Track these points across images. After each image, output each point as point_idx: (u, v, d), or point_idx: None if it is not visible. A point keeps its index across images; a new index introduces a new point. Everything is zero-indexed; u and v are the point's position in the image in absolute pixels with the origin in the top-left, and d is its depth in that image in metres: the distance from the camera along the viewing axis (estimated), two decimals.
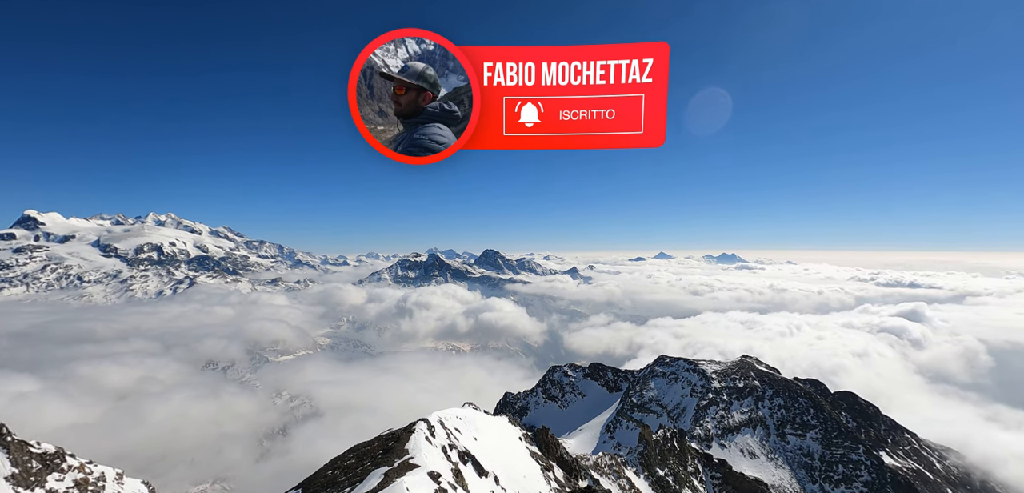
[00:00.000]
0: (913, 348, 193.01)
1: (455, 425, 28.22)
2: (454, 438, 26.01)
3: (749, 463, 55.94)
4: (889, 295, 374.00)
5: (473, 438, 28.16)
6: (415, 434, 23.68)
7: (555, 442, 36.71)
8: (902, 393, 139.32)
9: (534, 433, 36.93)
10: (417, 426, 24.97)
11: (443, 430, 26.11)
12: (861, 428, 65.49)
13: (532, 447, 33.66)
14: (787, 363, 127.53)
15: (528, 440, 34.68)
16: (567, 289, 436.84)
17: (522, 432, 35.61)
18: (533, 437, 36.14)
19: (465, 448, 25.52)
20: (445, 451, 23.65)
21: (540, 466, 30.55)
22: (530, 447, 33.31)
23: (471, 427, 29.43)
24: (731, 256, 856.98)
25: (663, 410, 63.64)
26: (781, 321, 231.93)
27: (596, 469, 37.99)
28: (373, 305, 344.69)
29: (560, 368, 76.68)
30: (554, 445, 36.10)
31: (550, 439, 36.24)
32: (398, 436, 24.46)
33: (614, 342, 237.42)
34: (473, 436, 28.43)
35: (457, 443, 25.54)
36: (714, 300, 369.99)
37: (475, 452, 26.00)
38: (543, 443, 35.46)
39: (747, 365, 70.72)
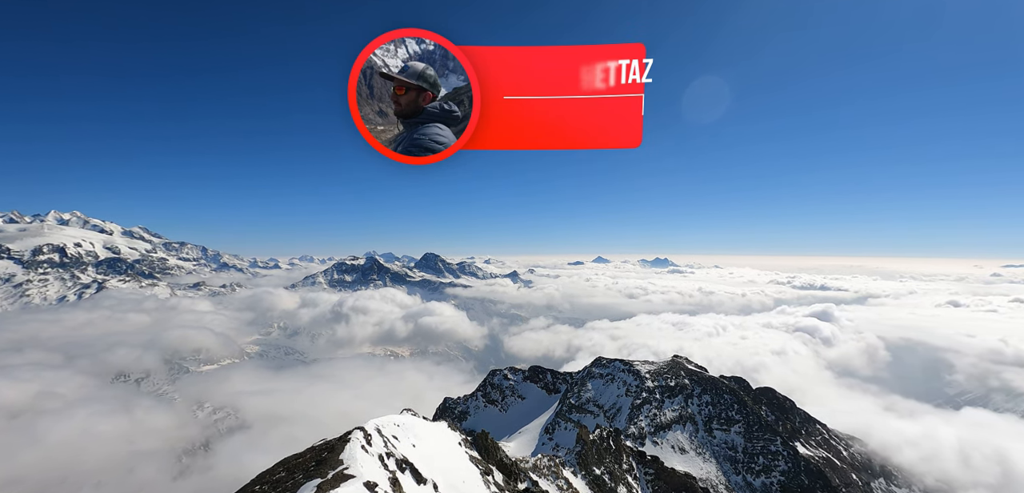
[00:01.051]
0: (824, 346, 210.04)
1: (393, 432, 27.59)
2: (392, 446, 25.42)
3: (680, 458, 58.59)
4: (803, 297, 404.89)
5: (411, 445, 27.66)
6: (350, 443, 22.93)
7: (495, 445, 36.77)
8: (814, 387, 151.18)
9: (474, 437, 36.81)
10: (353, 435, 24.19)
11: (380, 438, 25.45)
12: (779, 421, 70.38)
13: (472, 452, 33.52)
14: (714, 362, 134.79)
15: (468, 445, 34.51)
16: (507, 293, 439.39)
17: (462, 437, 35.39)
18: (473, 442, 36.01)
19: (403, 456, 25.01)
20: (382, 460, 23.06)
21: (479, 470, 30.47)
22: (470, 452, 33.15)
23: (409, 434, 28.89)
24: (664, 261, 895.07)
25: (600, 410, 65.39)
26: (709, 322, 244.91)
27: (535, 471, 38.39)
28: (307, 310, 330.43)
29: (500, 371, 76.96)
30: (494, 449, 36.15)
31: (490, 443, 36.26)
32: (332, 446, 23.57)
33: (553, 345, 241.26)
34: (411, 443, 27.92)
35: (395, 451, 24.98)
36: (648, 303, 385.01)
37: (413, 459, 25.54)
38: (483, 447, 35.41)
39: (678, 365, 74.13)
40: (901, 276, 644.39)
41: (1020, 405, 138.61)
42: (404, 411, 39.55)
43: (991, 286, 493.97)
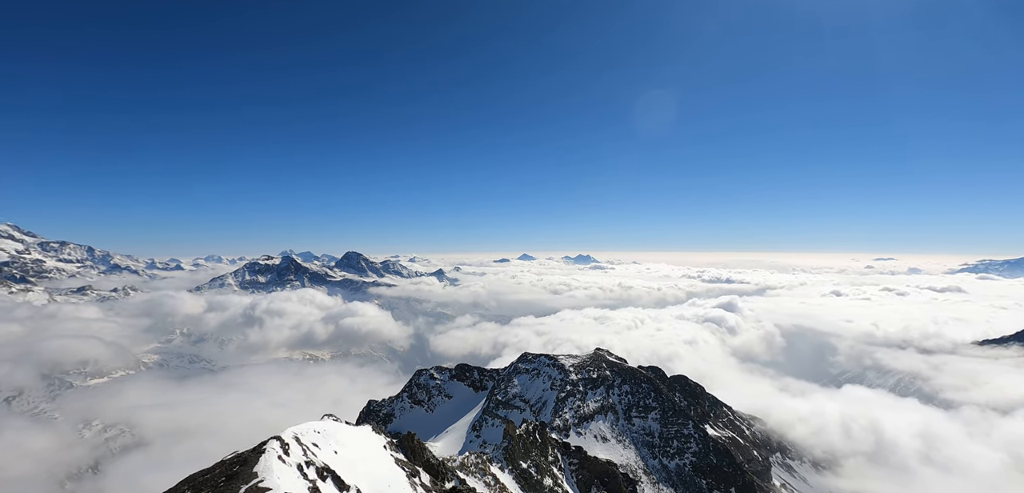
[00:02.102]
0: (729, 334, 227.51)
1: (313, 440, 26.33)
2: (311, 454, 24.25)
3: (602, 447, 60.97)
4: (712, 290, 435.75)
5: (333, 452, 26.54)
6: (266, 454, 21.59)
7: (421, 447, 36.21)
8: (721, 373, 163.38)
9: (400, 440, 36.04)
10: (268, 445, 22.78)
11: (299, 446, 24.19)
12: (691, 406, 75.30)
13: (398, 454, 32.79)
14: (633, 353, 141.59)
15: (393, 447, 33.71)
16: (433, 291, 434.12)
17: (387, 440, 34.52)
18: (399, 444, 35.24)
19: (324, 463, 23.94)
20: (301, 469, 21.93)
21: (406, 472, 29.88)
22: (395, 454, 32.41)
23: (331, 440, 27.70)
24: (587, 257, 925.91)
25: (526, 405, 66.46)
26: (628, 316, 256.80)
27: (463, 469, 38.28)
28: (214, 314, 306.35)
29: (426, 371, 75.95)
30: (420, 450, 35.60)
31: (416, 444, 35.66)
32: (245, 459, 22.06)
33: (480, 342, 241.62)
34: (333, 450, 26.79)
35: (315, 459, 23.85)
36: (572, 298, 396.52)
37: (336, 466, 24.54)
38: (409, 449, 34.75)
39: (600, 357, 77.07)
40: (794, 269, 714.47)
41: (889, 380, 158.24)
42: (325, 417, 37.87)
43: (865, 277, 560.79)
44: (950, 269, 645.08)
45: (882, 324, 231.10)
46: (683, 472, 62.70)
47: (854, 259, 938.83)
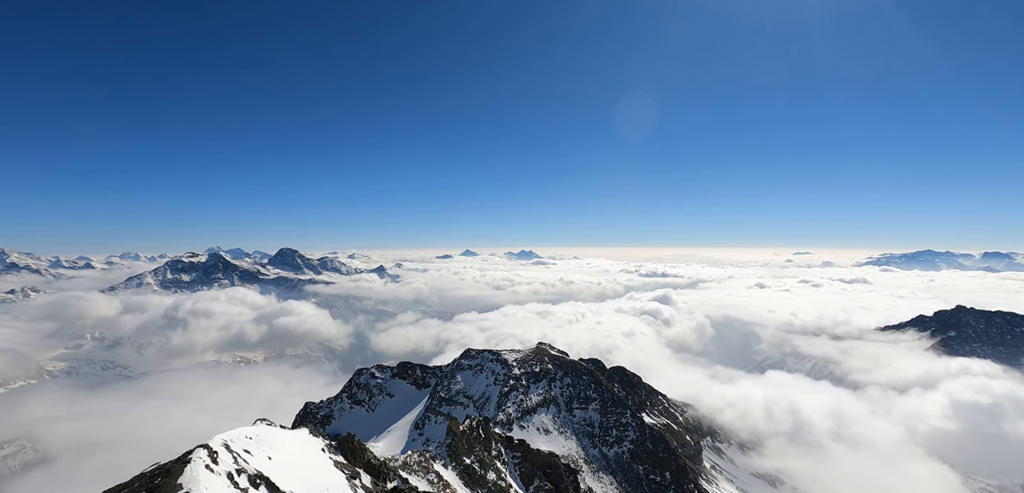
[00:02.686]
0: (664, 326, 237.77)
1: (245, 446, 25.03)
2: (243, 461, 23.05)
3: (544, 439, 62.02)
4: (648, 284, 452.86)
5: (267, 458, 25.37)
6: (192, 464, 20.30)
7: (362, 448, 35.35)
8: (657, 363, 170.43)
9: (339, 442, 34.98)
10: (195, 454, 21.43)
11: (229, 454, 22.93)
12: (629, 396, 78.08)
13: (337, 457, 31.82)
14: (574, 346, 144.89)
15: (332, 450, 32.68)
16: (374, 288, 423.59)
17: (325, 443, 33.40)
18: (338, 446, 34.20)
19: (257, 470, 22.84)
20: (232, 478, 20.81)
21: (345, 475, 29.07)
22: (334, 457, 31.43)
23: (264, 446, 26.45)
24: (529, 253, 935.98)
25: (470, 401, 66.42)
26: (569, 310, 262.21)
27: (405, 468, 37.74)
28: (131, 316, 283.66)
29: (367, 370, 74.16)
30: (361, 451, 34.74)
31: (356, 445, 34.76)
32: (168, 470, 20.64)
33: (422, 339, 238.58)
34: (267, 456, 25.60)
35: (247, 466, 22.70)
36: (515, 294, 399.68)
37: (270, 473, 23.47)
38: (349, 450, 33.82)
39: (542, 351, 78.28)
40: (723, 263, 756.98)
41: (806, 365, 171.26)
42: (258, 421, 36.10)
43: (785, 270, 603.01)
44: (858, 262, 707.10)
45: (800, 313, 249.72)
46: (622, 460, 64.99)
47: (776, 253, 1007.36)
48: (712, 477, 75.83)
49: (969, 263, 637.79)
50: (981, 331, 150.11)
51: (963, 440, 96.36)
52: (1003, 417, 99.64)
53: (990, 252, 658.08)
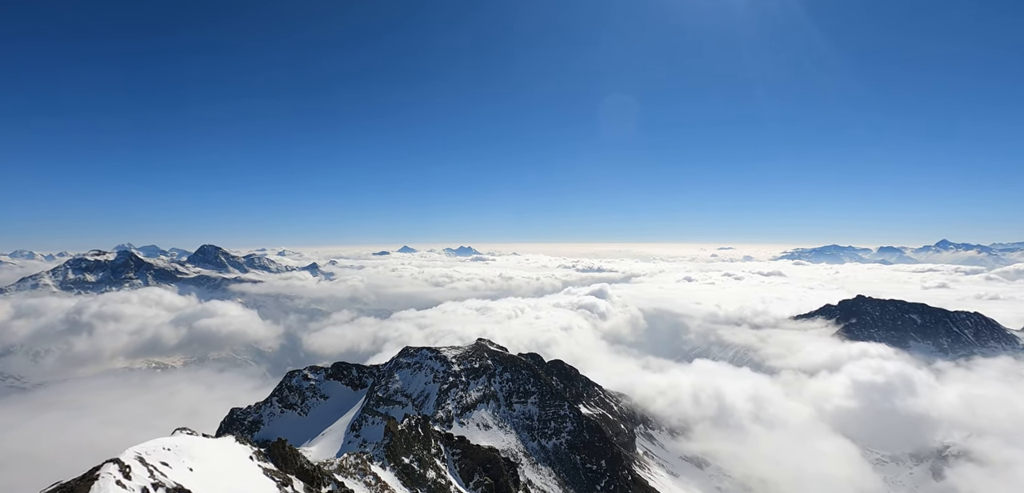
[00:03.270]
0: (600, 319, 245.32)
1: (162, 459, 23.26)
2: (160, 475, 21.42)
3: (484, 434, 62.22)
4: (585, 279, 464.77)
5: (188, 469, 23.72)
6: (100, 480, 18.61)
7: (293, 453, 33.89)
8: (593, 355, 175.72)
9: (269, 448, 33.34)
10: (104, 470, 19.65)
11: (144, 468, 21.22)
12: (567, 388, 79.92)
13: (267, 464, 30.29)
14: (513, 341, 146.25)
15: (261, 457, 31.08)
16: (307, 287, 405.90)
17: (254, 450, 31.71)
18: (267, 452, 32.59)
19: (177, 484, 21.31)
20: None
21: (276, 483, 27.74)
22: (264, 464, 29.91)
23: (185, 457, 24.71)
24: (468, 249, 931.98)
25: (408, 400, 65.38)
26: (509, 305, 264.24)
27: (341, 472, 36.57)
28: (24, 321, 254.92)
29: (299, 372, 71.11)
30: (292, 456, 33.29)
31: (288, 451, 33.27)
32: (72, 489, 18.80)
33: (359, 338, 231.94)
34: (188, 467, 23.94)
35: (165, 480, 21.12)
36: (453, 290, 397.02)
37: (191, 486, 21.97)
38: (280, 456, 32.30)
39: (482, 347, 78.41)
40: (654, 258, 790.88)
41: (728, 353, 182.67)
42: (177, 431, 33.64)
43: (711, 265, 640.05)
44: (774, 256, 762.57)
45: (723, 305, 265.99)
46: (560, 451, 66.47)
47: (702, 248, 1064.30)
48: (644, 462, 79.28)
49: (867, 256, 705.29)
50: (877, 318, 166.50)
51: (862, 416, 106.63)
52: (895, 394, 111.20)
53: (885, 247, 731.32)
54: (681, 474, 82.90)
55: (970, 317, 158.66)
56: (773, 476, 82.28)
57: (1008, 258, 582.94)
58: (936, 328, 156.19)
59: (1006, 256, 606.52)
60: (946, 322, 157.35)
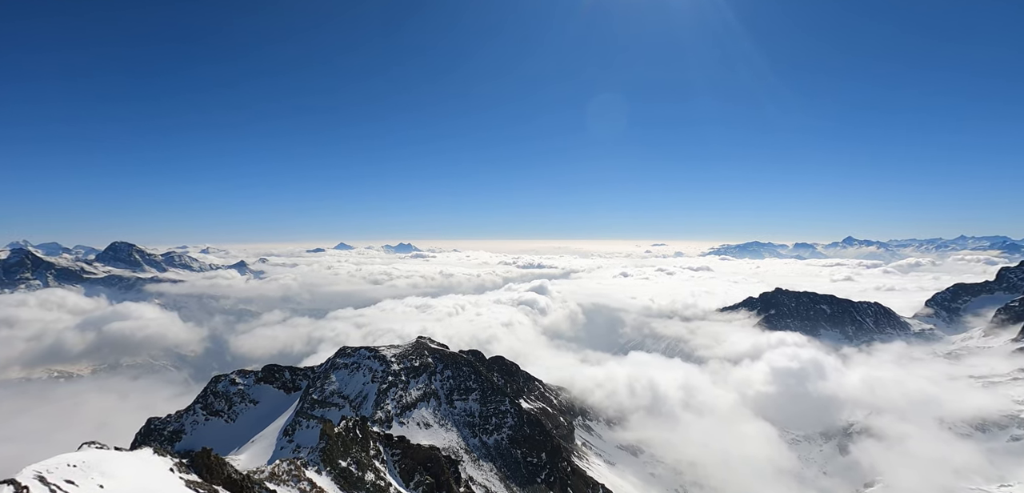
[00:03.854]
0: (540, 315, 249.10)
1: (66, 476, 21.21)
2: None
3: (425, 433, 61.53)
4: (526, 275, 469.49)
5: (98, 487, 21.78)
6: None
7: (220, 462, 31.98)
8: (534, 350, 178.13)
9: (192, 459, 31.27)
10: None
11: (44, 488, 19.27)
12: (507, 384, 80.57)
13: (190, 476, 28.39)
14: (454, 339, 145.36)
15: (184, 468, 29.08)
16: (234, 286, 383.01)
17: (175, 461, 29.61)
18: (190, 464, 30.54)
19: None
20: None
21: None
22: (186, 476, 28.01)
23: (94, 473, 22.67)
24: (408, 246, 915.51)
25: (345, 401, 63.45)
26: (449, 302, 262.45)
27: (273, 479, 34.95)
28: None
29: (226, 377, 67.10)
30: (219, 466, 31.41)
31: (213, 460, 31.34)
32: None
33: (292, 339, 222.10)
34: (97, 484, 21.98)
35: None
36: (393, 288, 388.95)
37: None
38: (204, 467, 30.38)
39: (422, 345, 77.38)
40: (592, 255, 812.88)
41: (661, 345, 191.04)
42: (85, 445, 30.76)
43: (645, 260, 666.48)
44: (702, 252, 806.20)
45: (657, 299, 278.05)
46: (501, 446, 66.96)
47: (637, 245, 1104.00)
48: (583, 453, 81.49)
49: (785, 252, 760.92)
50: (793, 308, 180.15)
51: (779, 400, 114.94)
52: (807, 379, 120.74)
53: (800, 243, 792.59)
54: (618, 462, 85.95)
55: (871, 307, 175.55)
56: (702, 459, 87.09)
57: (902, 253, 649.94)
58: (843, 317, 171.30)
59: (900, 251, 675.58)
60: (851, 311, 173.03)
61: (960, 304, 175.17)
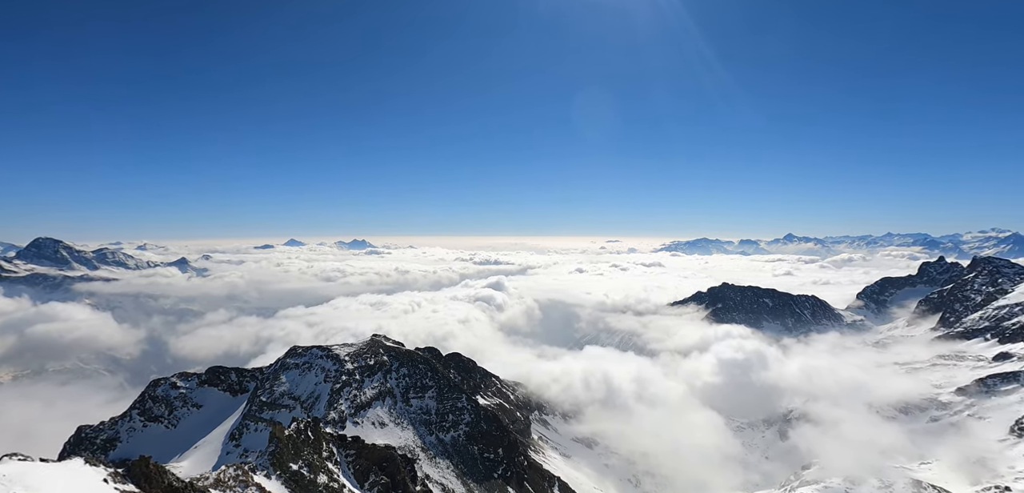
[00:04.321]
0: (497, 311, 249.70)
1: None
2: None
3: (380, 432, 60.55)
4: (482, 271, 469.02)
5: None
6: None
7: (160, 471, 30.37)
8: (491, 346, 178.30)
9: (128, 468, 29.52)
10: None
11: None
12: (464, 380, 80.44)
13: (126, 486, 26.80)
14: (410, 336, 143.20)
15: (119, 479, 27.42)
16: (174, 284, 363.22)
17: (109, 471, 27.87)
18: (127, 473, 28.83)
19: None
20: None
21: None
22: (122, 487, 26.43)
23: (16, 487, 21.01)
24: (362, 242, 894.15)
25: (297, 402, 61.51)
26: (405, 300, 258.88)
27: (218, 486, 33.50)
28: None
29: (166, 380, 63.66)
30: (158, 474, 29.81)
31: (152, 469, 29.71)
32: None
33: (238, 340, 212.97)
34: None
35: None
36: (346, 285, 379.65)
37: None
38: (142, 476, 28.74)
39: (377, 343, 76.01)
40: (548, 251, 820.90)
41: (615, 339, 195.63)
42: (7, 457, 28.48)
43: (600, 257, 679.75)
44: (655, 248, 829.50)
45: (611, 294, 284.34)
46: (458, 442, 66.82)
47: (592, 241, 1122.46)
48: (539, 447, 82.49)
49: (731, 248, 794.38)
50: (738, 302, 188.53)
51: (725, 390, 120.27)
52: (751, 369, 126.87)
53: (745, 240, 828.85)
54: (573, 455, 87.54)
55: (808, 300, 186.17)
56: (654, 449, 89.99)
57: (836, 249, 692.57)
58: (783, 310, 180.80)
59: (835, 247, 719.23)
60: (791, 304, 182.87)
61: (887, 296, 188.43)
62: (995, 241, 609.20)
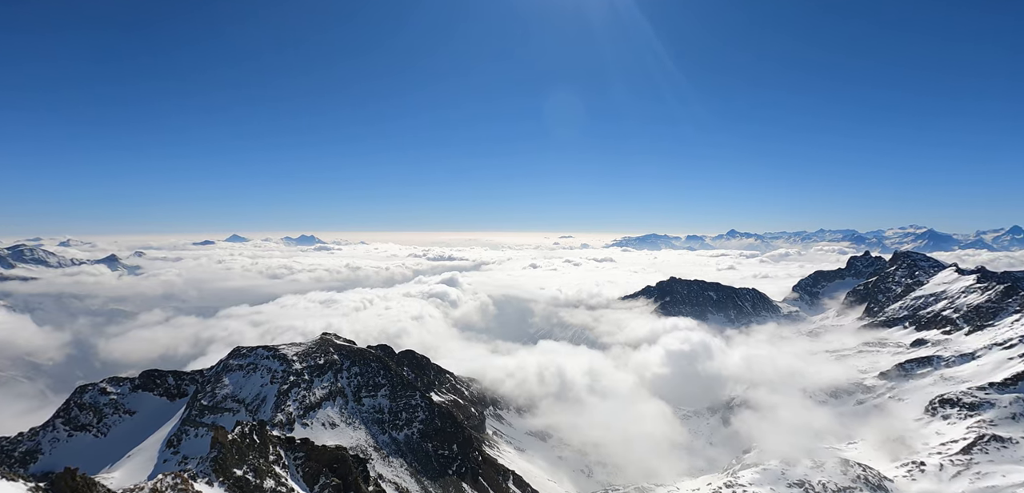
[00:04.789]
0: (451, 307, 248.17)
1: None
2: None
3: (331, 433, 58.97)
4: (436, 267, 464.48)
5: None
6: None
7: (88, 483, 28.38)
8: (445, 343, 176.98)
9: (52, 481, 27.42)
10: None
11: None
12: (418, 378, 79.63)
13: None
14: (362, 334, 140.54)
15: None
16: (103, 283, 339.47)
17: (30, 486, 25.79)
18: (50, 487, 26.77)
19: None
20: None
21: None
22: None
23: None
24: (311, 238, 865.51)
25: (241, 405, 58.94)
26: (356, 297, 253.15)
27: None
28: None
29: (94, 386, 59.47)
30: (87, 487, 27.86)
31: (79, 482, 27.72)
32: None
33: (176, 341, 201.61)
34: None
35: None
36: (294, 282, 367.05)
37: None
38: (69, 489, 26.77)
39: (327, 342, 73.90)
40: (502, 246, 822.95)
41: (568, 333, 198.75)
42: None
43: (554, 252, 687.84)
44: (606, 244, 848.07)
45: (564, 289, 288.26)
46: (412, 441, 66.07)
47: (546, 237, 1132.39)
48: (494, 442, 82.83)
49: (678, 244, 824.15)
50: (685, 295, 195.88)
51: (673, 380, 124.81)
52: (697, 360, 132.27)
53: (691, 235, 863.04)
54: (527, 449, 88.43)
55: (749, 292, 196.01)
56: (605, 440, 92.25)
57: (774, 244, 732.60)
58: (726, 302, 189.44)
59: (773, 243, 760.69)
60: (733, 297, 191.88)
61: (819, 289, 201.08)
62: (913, 236, 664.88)
